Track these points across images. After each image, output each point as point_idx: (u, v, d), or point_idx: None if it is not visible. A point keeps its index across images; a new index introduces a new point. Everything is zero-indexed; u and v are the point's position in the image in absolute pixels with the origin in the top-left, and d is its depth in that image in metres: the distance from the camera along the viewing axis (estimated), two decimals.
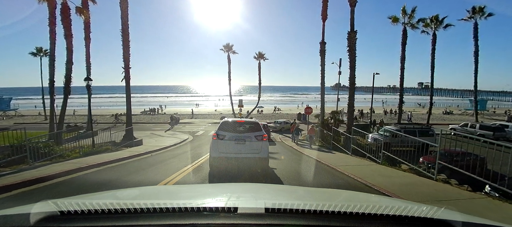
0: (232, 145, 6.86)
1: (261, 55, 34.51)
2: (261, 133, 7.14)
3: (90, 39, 19.76)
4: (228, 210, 1.09)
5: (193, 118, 37.61)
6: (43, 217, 1.01)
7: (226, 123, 7.34)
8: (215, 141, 7.02)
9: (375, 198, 2.14)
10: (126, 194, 1.74)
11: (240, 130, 7.18)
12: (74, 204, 1.07)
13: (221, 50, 33.89)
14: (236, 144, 6.88)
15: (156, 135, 21.94)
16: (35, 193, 4.99)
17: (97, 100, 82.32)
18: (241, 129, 7.21)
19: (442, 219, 1.06)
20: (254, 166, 6.98)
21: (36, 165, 7.43)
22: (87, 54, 20.08)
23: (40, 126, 26.19)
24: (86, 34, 19.52)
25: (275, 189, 2.41)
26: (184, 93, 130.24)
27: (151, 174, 7.38)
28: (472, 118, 31.48)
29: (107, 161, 8.66)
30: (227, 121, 7.44)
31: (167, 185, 5.62)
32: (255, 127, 7.30)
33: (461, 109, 49.80)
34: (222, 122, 7.46)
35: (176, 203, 1.15)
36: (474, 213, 3.52)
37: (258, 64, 34.84)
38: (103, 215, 1.04)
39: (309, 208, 1.09)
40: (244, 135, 7.04)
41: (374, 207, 1.15)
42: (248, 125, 7.40)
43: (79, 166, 7.26)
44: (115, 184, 5.93)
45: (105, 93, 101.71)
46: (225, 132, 7.05)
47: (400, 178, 6.45)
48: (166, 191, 2.34)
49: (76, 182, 6.08)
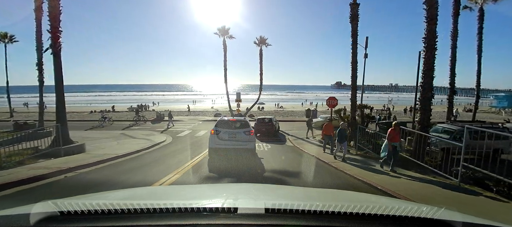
0: (226, 138, 9.06)
1: (262, 40, 28.97)
2: (249, 128, 9.41)
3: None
4: (228, 210, 1.09)
5: (186, 116, 32.41)
6: (43, 218, 1.01)
7: (222, 121, 9.64)
8: (213, 135, 9.13)
9: (375, 198, 2.02)
10: (125, 195, 1.72)
11: (233, 126, 9.36)
12: (74, 205, 1.09)
13: (215, 34, 28.52)
14: (230, 138, 9.07)
15: (126, 136, 16.71)
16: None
17: (88, 98, 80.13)
18: (234, 125, 9.42)
19: (442, 219, 1.06)
20: (243, 154, 9.05)
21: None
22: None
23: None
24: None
25: (275, 189, 2.38)
26: (183, 91, 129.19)
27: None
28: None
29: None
30: (222, 119, 9.77)
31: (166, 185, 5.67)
32: (245, 124, 9.61)
33: (487, 107, 44.90)
34: (219, 120, 9.77)
35: (176, 204, 1.14)
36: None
37: (259, 51, 29.40)
38: (103, 215, 1.04)
39: (309, 209, 1.10)
40: (236, 130, 9.22)
41: (374, 207, 1.13)
42: (239, 122, 9.63)
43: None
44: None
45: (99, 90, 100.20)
46: (221, 128, 9.23)
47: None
48: (166, 191, 2.25)
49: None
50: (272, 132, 17.20)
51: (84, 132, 18.52)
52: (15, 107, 38.60)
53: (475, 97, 21.51)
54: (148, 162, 9.39)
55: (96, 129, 20.62)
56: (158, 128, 21.32)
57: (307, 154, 11.40)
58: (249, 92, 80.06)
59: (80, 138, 13.39)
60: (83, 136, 15.42)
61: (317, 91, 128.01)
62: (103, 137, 16.13)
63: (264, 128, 17.02)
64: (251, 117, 29.04)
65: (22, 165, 7.49)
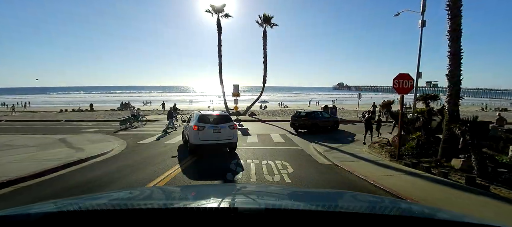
0: (210, 133, 8.58)
1: (267, 19, 22.78)
2: (232, 123, 9.10)
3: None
4: (228, 210, 1.10)
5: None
6: (43, 217, 1.01)
7: (204, 116, 9.03)
8: (196, 131, 8.48)
9: (375, 198, 1.96)
10: (125, 195, 1.68)
11: (217, 121, 8.97)
12: (74, 205, 1.14)
13: (208, 12, 22.63)
14: (214, 133, 8.63)
15: (61, 143, 10.88)
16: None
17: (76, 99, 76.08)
18: (217, 120, 9.01)
19: (442, 220, 1.06)
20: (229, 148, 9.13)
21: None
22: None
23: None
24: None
25: (275, 189, 2.33)
26: (183, 92, 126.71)
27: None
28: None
29: None
30: (203, 114, 9.15)
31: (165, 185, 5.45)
32: (228, 118, 9.22)
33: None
34: (200, 115, 9.02)
35: (176, 203, 1.19)
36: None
37: (263, 33, 23.28)
38: (103, 215, 1.04)
39: (309, 209, 1.14)
40: (220, 125, 8.82)
41: (374, 207, 1.19)
42: (221, 117, 9.18)
43: None
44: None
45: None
46: (205, 123, 8.72)
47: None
48: (165, 191, 2.10)
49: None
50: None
51: (13, 136, 12.77)
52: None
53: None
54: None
55: (39, 132, 14.79)
56: (123, 130, 15.43)
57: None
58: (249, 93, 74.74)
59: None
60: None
61: (319, 92, 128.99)
62: (29, 143, 10.45)
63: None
64: (252, 116, 23.03)
65: None
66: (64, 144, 10.87)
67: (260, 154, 8.89)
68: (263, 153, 8.99)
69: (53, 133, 14.14)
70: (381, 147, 9.58)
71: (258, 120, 21.04)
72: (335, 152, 9.28)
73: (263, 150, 9.59)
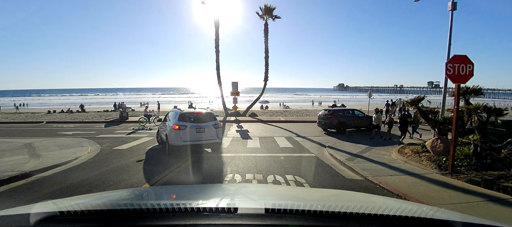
0: (193, 133, 7.84)
1: (268, 10, 20.79)
2: (217, 122, 8.42)
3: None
4: (228, 210, 1.07)
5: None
6: (43, 218, 0.99)
7: (186, 114, 8.24)
8: (177, 131, 7.73)
9: (375, 198, 1.88)
10: (124, 195, 1.65)
11: (199, 120, 8.20)
12: (74, 205, 1.09)
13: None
14: (197, 132, 7.91)
15: (26, 148, 8.97)
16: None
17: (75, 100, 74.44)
18: (200, 118, 8.25)
19: (442, 219, 1.03)
20: (212, 149, 8.44)
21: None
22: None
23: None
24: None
25: (275, 189, 2.33)
26: (182, 94, 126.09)
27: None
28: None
29: None
30: (185, 112, 8.33)
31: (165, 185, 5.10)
32: (212, 116, 8.54)
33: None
34: (180, 113, 8.18)
35: (176, 203, 1.12)
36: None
37: (264, 26, 21.35)
38: (103, 215, 1.03)
39: (309, 209, 1.08)
40: (203, 124, 8.09)
41: (374, 207, 1.13)
42: (204, 115, 8.48)
43: None
44: None
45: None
46: (187, 122, 7.93)
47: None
48: (165, 191, 2.08)
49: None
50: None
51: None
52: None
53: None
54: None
55: (11, 135, 12.86)
56: (106, 133, 13.50)
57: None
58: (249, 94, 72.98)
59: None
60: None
61: (319, 93, 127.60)
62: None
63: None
64: (252, 117, 21.08)
65: None
66: (26, 150, 8.98)
67: (263, 164, 6.95)
68: (268, 163, 7.04)
69: (24, 137, 12.21)
70: (416, 154, 7.61)
71: (259, 121, 19.08)
72: (359, 160, 7.32)
73: (267, 158, 7.65)
